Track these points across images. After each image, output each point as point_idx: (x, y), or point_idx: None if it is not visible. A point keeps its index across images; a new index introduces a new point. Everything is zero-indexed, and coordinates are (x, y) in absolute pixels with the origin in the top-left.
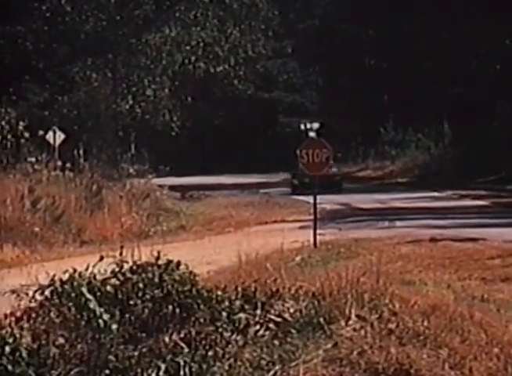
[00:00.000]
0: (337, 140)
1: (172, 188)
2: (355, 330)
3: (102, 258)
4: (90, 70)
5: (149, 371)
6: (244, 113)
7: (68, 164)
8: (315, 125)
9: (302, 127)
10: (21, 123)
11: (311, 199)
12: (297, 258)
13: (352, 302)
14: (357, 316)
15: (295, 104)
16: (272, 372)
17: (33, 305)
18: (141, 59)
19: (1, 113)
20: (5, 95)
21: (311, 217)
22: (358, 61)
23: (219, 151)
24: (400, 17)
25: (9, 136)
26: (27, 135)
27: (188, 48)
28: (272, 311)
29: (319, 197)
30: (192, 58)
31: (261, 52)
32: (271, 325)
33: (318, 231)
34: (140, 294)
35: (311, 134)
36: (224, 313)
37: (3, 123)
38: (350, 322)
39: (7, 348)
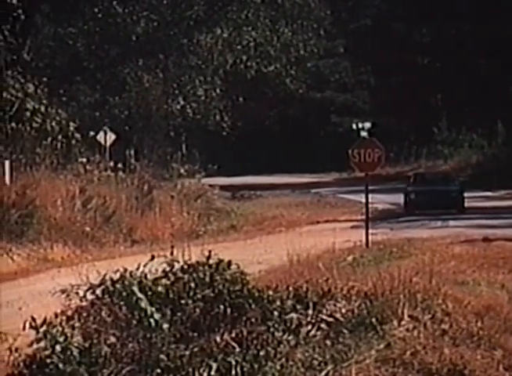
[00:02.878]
0: (389, 140)
1: (223, 188)
2: (407, 330)
3: (153, 258)
4: (141, 71)
5: (201, 371)
6: (296, 113)
7: (119, 165)
8: (367, 125)
9: (354, 126)
10: (72, 124)
11: (363, 198)
12: (349, 258)
13: (405, 302)
14: (410, 316)
15: (347, 104)
16: (324, 372)
17: (84, 304)
18: (192, 60)
19: (52, 115)
20: (56, 97)
21: (363, 217)
22: (410, 60)
23: (270, 151)
24: (453, 16)
25: (60, 137)
26: (77, 135)
27: (239, 48)
28: (324, 311)
29: (371, 196)
30: (244, 58)
31: (313, 52)
32: (323, 325)
33: (370, 231)
34: (191, 293)
35: (363, 133)
36: (275, 313)
37: (54, 124)
38: (403, 322)
39: (58, 347)
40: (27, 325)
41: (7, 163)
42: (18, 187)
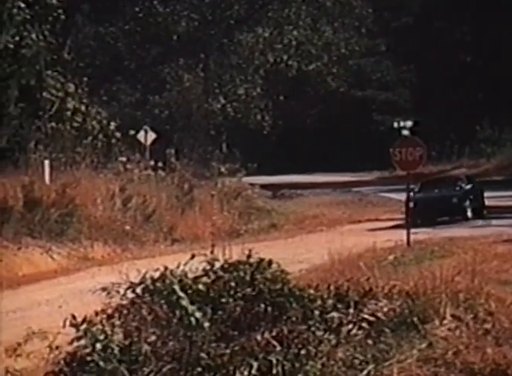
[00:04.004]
0: (430, 138)
1: (264, 187)
2: (449, 329)
3: (193, 257)
4: (182, 70)
5: (242, 369)
6: (337, 112)
7: (159, 163)
8: (409, 123)
9: (395, 125)
10: (112, 123)
11: (404, 197)
12: (390, 257)
13: (447, 302)
14: (452, 315)
15: (388, 102)
16: (365, 371)
17: (124, 302)
18: (233, 59)
19: (93, 114)
20: (97, 96)
21: (404, 215)
22: (452, 58)
23: (311, 150)
24: (495, 14)
25: (100, 136)
26: (118, 135)
27: (280, 47)
28: (365, 310)
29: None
30: (285, 57)
31: (355, 50)
32: (364, 324)
33: (411, 230)
34: (232, 292)
35: (405, 132)
36: (316, 312)
37: (94, 123)
38: (445, 321)
39: (98, 345)
40: (68, 323)
41: (47, 162)
42: (58, 186)
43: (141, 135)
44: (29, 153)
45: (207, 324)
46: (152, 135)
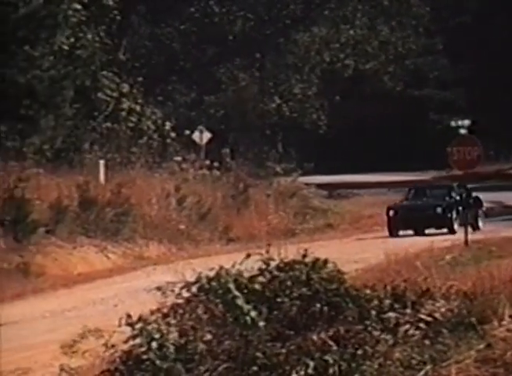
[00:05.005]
0: (488, 137)
1: (319, 186)
2: (508, 330)
3: (248, 256)
4: (237, 70)
5: (298, 369)
6: (393, 111)
7: (215, 163)
8: (466, 122)
9: (452, 124)
10: (168, 123)
11: None
12: (448, 257)
13: (505, 302)
14: (510, 316)
15: (445, 101)
16: (423, 372)
17: (179, 301)
18: (289, 59)
19: (148, 114)
20: (152, 96)
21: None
22: (509, 57)
23: (367, 149)
24: None
25: (156, 136)
26: (173, 134)
27: (337, 46)
28: (423, 310)
29: None
30: (341, 56)
31: (412, 49)
32: (421, 324)
33: (469, 229)
34: (287, 291)
35: (462, 131)
36: (373, 312)
37: (149, 123)
38: (503, 322)
39: (154, 344)
40: (123, 322)
41: (102, 162)
42: (113, 186)
43: (196, 135)
44: (84, 154)
45: (262, 324)
46: (207, 135)
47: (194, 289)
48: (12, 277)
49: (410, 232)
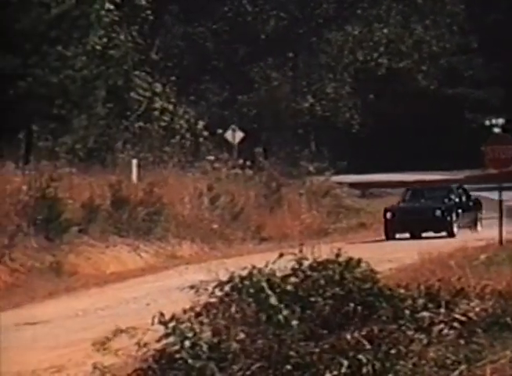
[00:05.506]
0: None
1: (352, 185)
2: None
3: (281, 255)
4: (270, 70)
5: (332, 368)
6: (427, 110)
7: (247, 162)
8: (500, 121)
9: (487, 123)
10: (200, 122)
11: (495, 195)
12: (482, 257)
13: None
14: None
15: (480, 100)
16: (457, 371)
17: (212, 300)
18: (322, 58)
19: (180, 113)
20: (184, 96)
21: (497, 214)
22: None
23: (401, 148)
24: None
25: (188, 135)
26: (206, 134)
27: (370, 45)
28: (457, 310)
29: (504, 194)
30: (375, 55)
31: (446, 48)
32: (455, 324)
33: (504, 228)
34: (321, 291)
35: (497, 130)
36: (407, 311)
37: (182, 122)
38: None
39: (187, 343)
40: (156, 320)
41: (134, 161)
42: (146, 185)
43: (229, 134)
44: (116, 153)
45: (295, 323)
46: (240, 134)
47: (227, 288)
48: (45, 276)
49: (406, 235)
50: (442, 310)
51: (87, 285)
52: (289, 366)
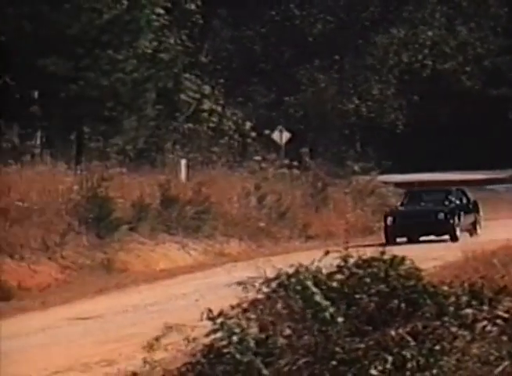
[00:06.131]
0: None
1: (397, 185)
2: None
3: (327, 253)
4: (317, 72)
5: (376, 363)
6: (471, 110)
7: (294, 162)
8: None
9: None
10: (248, 123)
11: None
12: None
13: None
14: None
15: None
16: (500, 367)
17: (259, 297)
18: (367, 60)
19: (228, 114)
20: (232, 97)
21: None
22: None
23: (444, 148)
24: None
25: (236, 136)
26: (253, 134)
27: (415, 47)
28: (500, 307)
29: None
30: (420, 56)
31: (490, 49)
32: (498, 321)
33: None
34: (366, 288)
35: None
36: (450, 308)
37: (230, 123)
38: None
39: (235, 338)
40: (204, 316)
41: (183, 162)
42: (194, 185)
43: (276, 135)
44: (166, 153)
45: (341, 319)
46: (286, 135)
47: (274, 285)
48: (96, 273)
49: (404, 239)
50: (485, 307)
51: (137, 282)
52: (334, 362)
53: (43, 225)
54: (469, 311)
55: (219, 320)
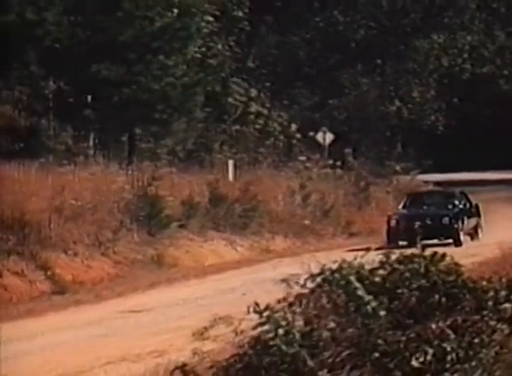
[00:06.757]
0: None
1: (437, 184)
2: None
3: (369, 250)
4: (359, 75)
5: (417, 355)
6: (508, 112)
7: (337, 162)
8: None
9: None
10: (293, 125)
11: None
12: None
13: None
14: None
15: None
16: None
17: (304, 291)
18: (408, 64)
19: (274, 116)
20: (278, 100)
21: None
22: None
23: (483, 148)
24: None
25: (281, 137)
26: (298, 136)
27: (454, 51)
28: None
29: None
30: (459, 60)
31: None
32: None
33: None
34: (407, 283)
35: None
36: (489, 303)
37: (275, 125)
38: None
39: (281, 331)
40: (251, 310)
41: (231, 162)
42: (241, 184)
43: (320, 136)
44: (214, 154)
45: (383, 313)
46: (330, 136)
47: (318, 280)
48: (147, 268)
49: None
50: None
51: (186, 276)
52: (377, 354)
53: (96, 223)
54: (507, 305)
55: (266, 314)
